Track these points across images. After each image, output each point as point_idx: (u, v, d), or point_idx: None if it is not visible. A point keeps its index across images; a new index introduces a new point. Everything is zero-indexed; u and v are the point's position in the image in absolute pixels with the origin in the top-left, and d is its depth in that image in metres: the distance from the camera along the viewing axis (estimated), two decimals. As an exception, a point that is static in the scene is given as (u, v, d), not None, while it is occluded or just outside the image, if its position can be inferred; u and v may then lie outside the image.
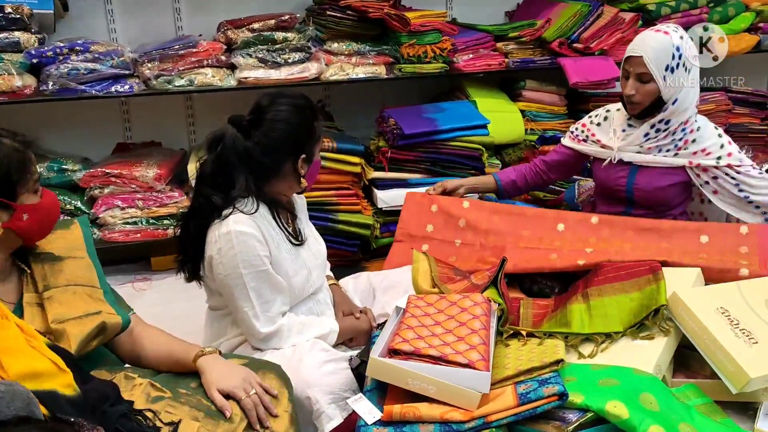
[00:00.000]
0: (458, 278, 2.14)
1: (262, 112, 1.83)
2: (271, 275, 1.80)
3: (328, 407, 1.66)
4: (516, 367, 1.66)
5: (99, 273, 1.58)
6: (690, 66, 2.21)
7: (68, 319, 1.44)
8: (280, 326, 1.81)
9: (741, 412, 1.65)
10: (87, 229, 1.65)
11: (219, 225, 1.77)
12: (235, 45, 2.82)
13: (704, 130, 2.28)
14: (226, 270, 1.76)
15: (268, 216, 1.85)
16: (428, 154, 2.86)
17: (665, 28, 2.21)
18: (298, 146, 1.83)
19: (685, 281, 1.87)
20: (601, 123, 2.43)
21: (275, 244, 1.84)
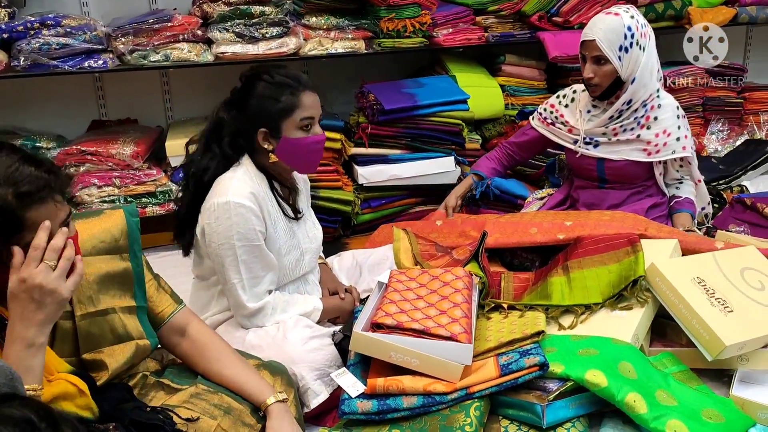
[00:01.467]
0: (439, 254, 2.15)
1: (244, 85, 1.84)
2: (263, 252, 1.80)
3: (314, 383, 1.67)
4: (498, 339, 1.68)
5: (137, 278, 1.44)
6: (644, 44, 2.23)
7: (102, 347, 1.37)
8: (265, 303, 1.81)
9: (716, 378, 1.70)
10: (132, 221, 1.45)
11: (217, 194, 1.77)
12: (212, 19, 2.76)
13: (666, 109, 2.32)
14: (219, 239, 1.76)
15: (265, 187, 1.84)
16: (408, 129, 2.85)
17: (616, 10, 2.24)
18: (258, 120, 1.81)
19: (663, 253, 1.90)
20: (568, 104, 2.49)
21: (272, 220, 1.83)
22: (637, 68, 2.23)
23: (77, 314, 1.35)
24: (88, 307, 1.36)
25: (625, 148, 2.34)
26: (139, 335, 1.42)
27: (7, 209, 1.14)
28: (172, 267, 2.50)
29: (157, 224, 2.82)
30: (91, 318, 1.36)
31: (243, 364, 1.51)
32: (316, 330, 1.79)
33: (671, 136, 2.31)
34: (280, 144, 1.82)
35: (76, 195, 2.70)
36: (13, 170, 1.14)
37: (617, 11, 2.24)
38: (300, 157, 1.87)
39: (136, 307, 1.43)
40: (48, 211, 1.18)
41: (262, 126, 1.81)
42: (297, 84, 1.81)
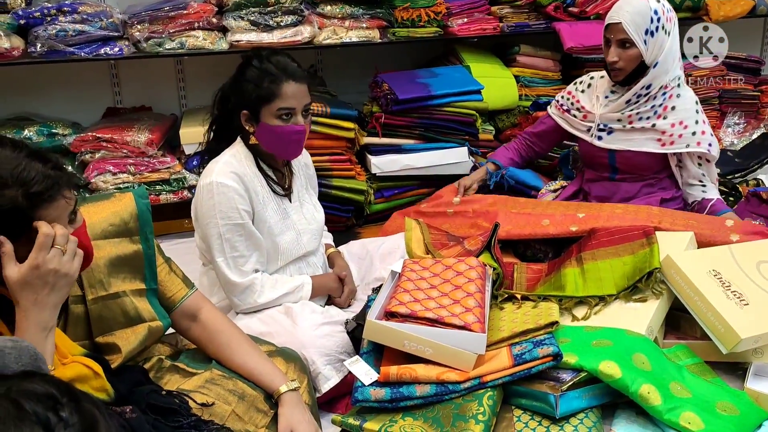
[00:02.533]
0: (451, 244, 2.15)
1: (240, 65, 1.90)
2: (248, 230, 1.83)
3: (325, 368, 1.68)
4: (511, 329, 1.68)
5: (148, 260, 1.44)
6: (669, 29, 2.22)
7: (114, 330, 1.38)
8: (252, 279, 1.84)
9: (730, 372, 1.69)
10: (142, 203, 1.45)
11: (203, 176, 1.85)
12: (227, 7, 2.76)
13: (685, 101, 2.29)
14: (205, 219, 1.82)
15: (253, 167, 1.89)
16: (422, 119, 2.85)
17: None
18: (240, 102, 1.85)
19: (678, 245, 1.89)
20: (585, 90, 2.47)
21: (259, 199, 1.87)
22: (661, 53, 2.21)
23: (88, 298, 1.35)
24: (99, 290, 1.37)
25: (640, 137, 2.31)
26: (151, 317, 1.43)
27: (19, 210, 1.13)
28: (186, 254, 2.52)
29: (172, 211, 2.84)
30: (103, 302, 1.37)
31: (254, 351, 1.51)
32: (327, 316, 1.81)
33: (688, 129, 2.28)
34: (259, 129, 1.86)
35: (91, 182, 2.71)
36: (21, 169, 1.13)
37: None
38: (277, 144, 1.89)
39: (146, 290, 1.44)
40: (58, 209, 1.18)
41: (244, 108, 1.85)
42: (281, 73, 1.82)
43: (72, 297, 1.34)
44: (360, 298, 2.06)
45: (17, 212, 1.13)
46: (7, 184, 1.11)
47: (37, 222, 1.15)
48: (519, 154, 2.67)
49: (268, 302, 1.86)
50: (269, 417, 1.43)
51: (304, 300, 1.91)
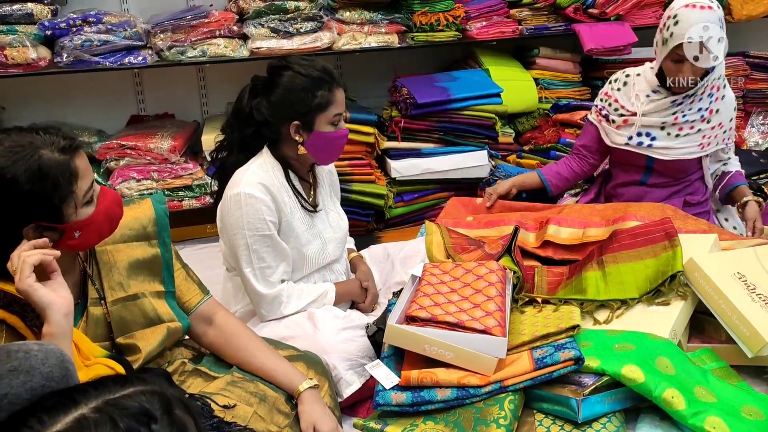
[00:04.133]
0: (472, 248, 2.15)
1: (272, 74, 1.87)
2: (275, 242, 1.83)
3: (346, 373, 1.68)
4: (532, 333, 1.67)
5: (166, 263, 1.47)
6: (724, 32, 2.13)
7: (134, 331, 1.41)
8: (279, 290, 1.85)
9: (756, 375, 1.67)
10: (160, 208, 1.50)
11: (231, 186, 1.84)
12: (247, 15, 2.80)
13: (727, 102, 2.27)
14: (233, 230, 1.82)
15: (281, 178, 1.87)
16: (441, 123, 2.85)
17: (708, 3, 2.10)
18: (291, 112, 1.83)
19: (702, 247, 1.87)
20: (621, 88, 2.35)
21: (288, 209, 1.87)
22: (723, 57, 2.16)
23: (108, 300, 1.39)
24: (118, 292, 1.40)
25: (682, 147, 2.26)
26: (170, 318, 1.46)
27: (62, 163, 1.22)
28: (209, 259, 2.56)
29: (194, 217, 2.88)
30: (122, 303, 1.40)
31: (271, 353, 1.53)
32: (348, 321, 1.82)
33: (723, 127, 2.28)
34: (311, 137, 1.85)
35: (116, 188, 2.76)
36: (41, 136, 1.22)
37: (708, 4, 2.10)
38: (326, 150, 1.91)
39: (165, 292, 1.47)
40: (84, 159, 1.28)
41: (295, 119, 1.83)
42: (332, 80, 1.84)
43: (91, 299, 1.37)
44: (381, 302, 2.07)
45: (62, 166, 1.21)
46: (37, 145, 1.20)
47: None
48: (569, 168, 2.49)
49: (294, 312, 1.87)
50: (291, 418, 1.45)
51: (328, 306, 1.92)
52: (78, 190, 1.25)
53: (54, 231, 1.25)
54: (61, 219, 1.25)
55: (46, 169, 1.20)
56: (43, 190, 1.20)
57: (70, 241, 1.28)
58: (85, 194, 1.26)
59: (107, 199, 1.33)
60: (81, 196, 1.26)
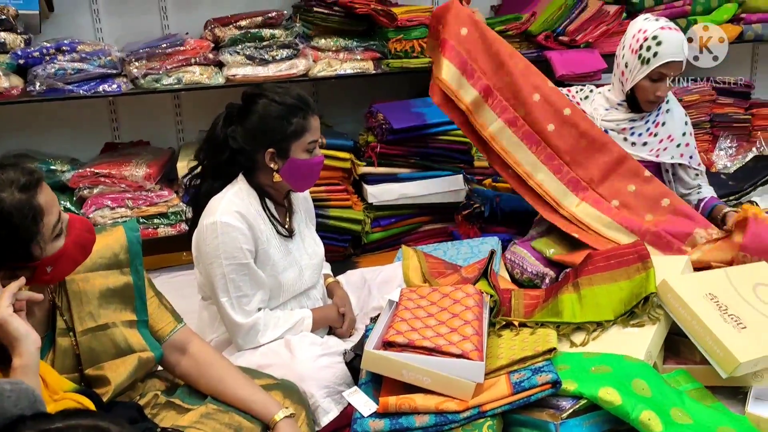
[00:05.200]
0: (448, 272, 2.16)
1: (246, 102, 1.87)
2: (252, 270, 1.82)
3: (324, 401, 1.67)
4: (509, 356, 1.68)
5: (138, 291, 1.45)
6: None
7: (104, 362, 1.38)
8: (256, 319, 1.83)
9: (731, 396, 1.69)
10: (133, 236, 1.47)
11: (206, 215, 1.82)
12: (223, 43, 2.81)
13: (673, 115, 2.37)
14: (209, 259, 1.80)
15: (257, 205, 1.87)
16: (417, 148, 2.87)
17: (673, 25, 2.26)
18: (266, 140, 1.83)
19: (674, 268, 1.90)
20: (583, 99, 2.51)
21: (264, 237, 1.86)
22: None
23: (78, 330, 1.36)
24: (88, 322, 1.38)
25: (636, 155, 2.36)
26: (142, 348, 1.43)
27: (24, 203, 1.19)
28: (185, 287, 2.53)
29: (170, 244, 2.85)
30: (92, 333, 1.38)
31: (246, 382, 1.50)
32: (326, 347, 1.80)
33: (673, 141, 2.34)
34: (287, 165, 1.85)
35: (89, 217, 2.73)
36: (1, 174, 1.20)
37: (677, 27, 2.26)
38: (302, 177, 1.91)
39: (137, 321, 1.44)
40: (48, 192, 1.24)
41: (270, 146, 1.83)
42: (307, 107, 1.85)
43: (59, 330, 1.35)
44: (359, 328, 2.06)
45: (24, 207, 1.18)
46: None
47: None
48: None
49: (271, 341, 1.85)
50: None
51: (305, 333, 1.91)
52: (44, 227, 1.23)
53: (26, 269, 1.24)
54: (31, 258, 1.23)
55: (7, 213, 1.17)
56: (8, 234, 1.18)
57: (43, 276, 1.26)
58: (53, 229, 1.25)
59: (76, 227, 1.31)
60: (48, 233, 1.24)
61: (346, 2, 2.82)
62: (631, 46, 2.28)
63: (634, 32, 2.29)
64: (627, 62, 2.30)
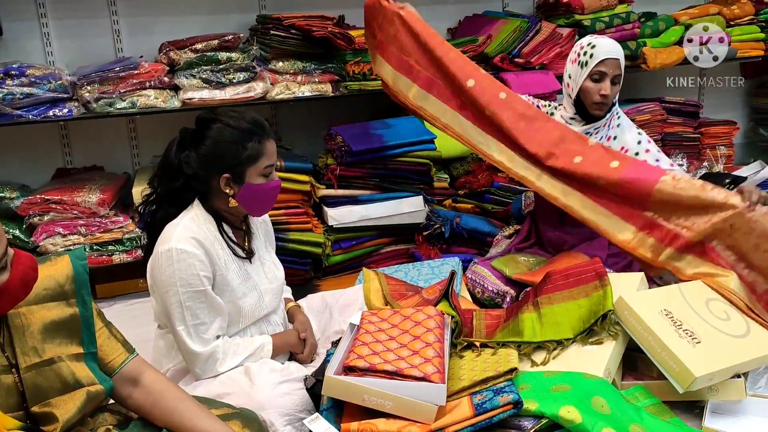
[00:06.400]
0: (410, 294, 2.15)
1: (200, 127, 1.85)
2: (209, 297, 1.78)
3: (285, 429, 1.63)
4: (471, 377, 1.67)
5: (85, 323, 1.39)
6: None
7: (50, 398, 1.32)
8: (214, 348, 1.79)
9: (688, 410, 1.71)
10: (79, 265, 1.41)
11: (161, 242, 1.78)
12: (178, 66, 2.78)
13: (623, 127, 2.42)
14: (164, 287, 1.76)
15: (214, 231, 1.84)
16: (377, 170, 2.88)
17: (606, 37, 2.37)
18: (221, 165, 1.81)
19: (630, 286, 1.93)
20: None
21: (222, 263, 1.82)
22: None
23: (21, 366, 1.30)
24: (32, 358, 1.31)
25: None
26: (90, 381, 1.37)
27: None
28: (142, 315, 2.47)
29: (125, 272, 2.79)
30: (37, 369, 1.31)
31: (203, 413, 1.45)
32: (287, 374, 1.77)
33: (629, 152, 2.37)
34: (242, 190, 1.83)
35: (39, 245, 2.65)
36: None
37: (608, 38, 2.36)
38: (259, 202, 1.89)
39: (84, 354, 1.38)
40: None
41: (225, 171, 1.81)
42: (262, 131, 1.83)
43: (1, 367, 1.28)
44: (320, 353, 2.03)
45: None
46: None
47: None
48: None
49: (230, 369, 1.81)
50: None
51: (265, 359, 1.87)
52: None
53: None
54: None
55: None
56: None
57: None
58: None
59: (22, 263, 1.26)
60: None
61: (303, 25, 2.82)
62: (571, 58, 2.39)
63: (574, 49, 2.41)
64: (570, 73, 2.39)
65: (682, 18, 3.62)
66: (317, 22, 2.86)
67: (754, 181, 3.15)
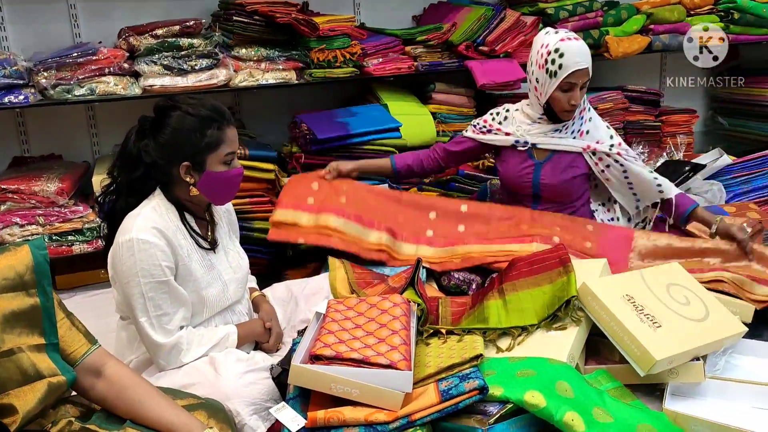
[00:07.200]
0: (376, 282, 2.15)
1: (159, 115, 1.81)
2: (172, 287, 1.76)
3: (250, 418, 1.62)
4: (437, 364, 1.68)
5: (46, 313, 1.36)
6: None
7: (10, 390, 1.29)
8: (178, 338, 1.76)
9: (649, 393, 1.75)
10: (39, 254, 1.38)
11: (121, 232, 1.75)
12: (138, 52, 2.71)
13: (595, 122, 2.46)
14: (126, 278, 1.73)
15: (176, 220, 1.81)
16: (342, 158, 2.85)
17: (572, 35, 2.35)
18: (181, 153, 1.78)
19: (593, 272, 1.96)
20: (502, 122, 2.54)
21: (185, 253, 1.80)
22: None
23: None
24: None
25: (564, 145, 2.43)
26: (52, 372, 1.34)
27: None
28: (103, 306, 2.43)
29: (86, 262, 2.73)
30: None
31: (167, 404, 1.44)
32: (252, 363, 1.76)
33: (603, 144, 2.42)
34: (203, 178, 1.80)
35: (-4, 235, 2.58)
36: None
37: (576, 36, 2.35)
38: (220, 190, 1.87)
39: (46, 345, 1.35)
40: None
41: (185, 159, 1.78)
42: (222, 119, 1.80)
43: None
44: (286, 342, 2.02)
45: None
46: None
47: None
48: (422, 164, 2.67)
49: (194, 359, 1.79)
50: None
51: (230, 349, 1.86)
52: None
53: None
54: None
55: None
56: None
57: None
58: None
59: None
60: None
61: (266, 11, 2.78)
62: (538, 61, 2.36)
63: (537, 48, 2.37)
64: (537, 78, 2.37)
65: (644, 7, 3.67)
66: (281, 8, 2.82)
67: (713, 169, 3.22)
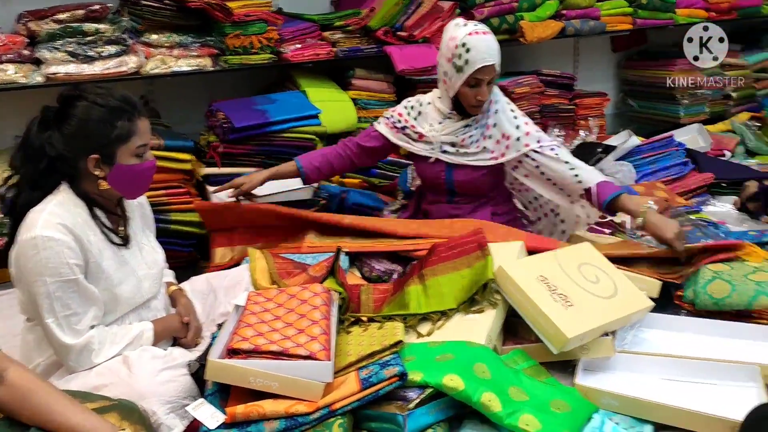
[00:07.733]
0: (297, 272, 2.13)
1: (64, 105, 1.72)
2: (82, 286, 1.68)
3: (167, 417, 1.58)
4: (358, 353, 1.69)
5: None
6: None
7: None
8: (89, 338, 1.69)
9: (562, 370, 1.81)
10: None
11: (24, 229, 1.66)
12: (39, 38, 2.58)
13: (500, 114, 2.39)
14: (31, 277, 1.64)
15: (84, 216, 1.73)
16: (261, 146, 2.82)
17: (483, 29, 2.30)
18: (88, 146, 1.70)
19: (510, 255, 2.00)
20: (417, 117, 2.48)
21: (95, 249, 1.72)
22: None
23: None
24: None
25: (473, 157, 2.40)
26: None
27: None
28: (8, 307, 2.30)
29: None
30: None
31: (75, 408, 1.38)
32: (169, 360, 1.71)
33: (511, 138, 2.36)
34: (113, 171, 1.73)
35: None
36: None
37: (485, 30, 2.30)
38: (132, 184, 1.80)
39: None
40: None
41: (93, 152, 1.70)
42: (132, 109, 1.73)
43: None
44: (205, 336, 1.97)
45: None
46: None
47: None
48: (331, 164, 2.54)
49: (107, 359, 1.73)
50: None
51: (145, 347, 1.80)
52: None
53: None
54: None
55: None
56: None
57: None
58: None
59: None
60: None
61: (177, -5, 2.69)
62: (445, 54, 2.31)
63: (446, 40, 2.32)
64: (446, 71, 2.33)
65: (557, -8, 3.77)
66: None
67: (623, 150, 3.35)
